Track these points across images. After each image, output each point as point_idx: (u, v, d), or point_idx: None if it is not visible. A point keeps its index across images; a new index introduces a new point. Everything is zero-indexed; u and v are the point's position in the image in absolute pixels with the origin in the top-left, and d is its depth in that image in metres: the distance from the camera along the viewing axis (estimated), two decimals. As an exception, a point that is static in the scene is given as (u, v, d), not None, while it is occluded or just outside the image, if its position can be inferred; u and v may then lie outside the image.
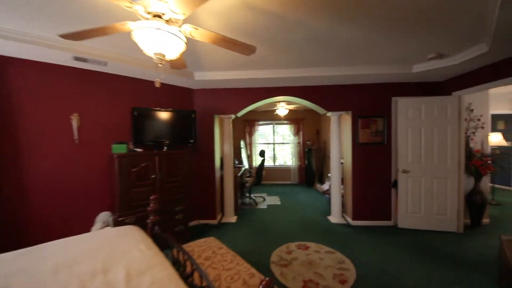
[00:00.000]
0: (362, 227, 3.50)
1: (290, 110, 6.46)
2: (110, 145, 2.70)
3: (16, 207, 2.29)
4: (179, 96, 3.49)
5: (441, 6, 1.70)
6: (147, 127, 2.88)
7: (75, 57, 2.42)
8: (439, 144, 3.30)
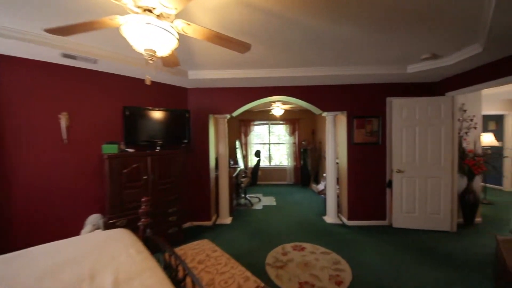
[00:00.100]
0: (358, 227, 3.50)
1: (286, 110, 6.45)
2: (100, 145, 2.61)
3: (0, 209, 2.20)
4: (172, 95, 3.42)
5: (436, 7, 1.69)
6: (139, 126, 2.81)
7: (64, 54, 2.33)
8: (433, 144, 3.33)
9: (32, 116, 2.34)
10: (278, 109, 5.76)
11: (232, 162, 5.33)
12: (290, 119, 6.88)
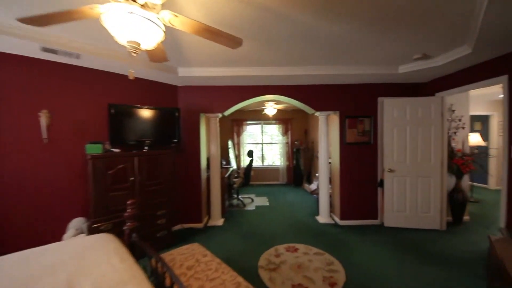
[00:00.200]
0: (350, 227, 3.50)
1: (279, 110, 6.42)
2: (84, 145, 2.47)
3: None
4: (162, 93, 3.30)
5: (428, 6, 1.69)
6: (125, 125, 2.67)
7: (44, 48, 2.19)
8: (423, 143, 3.37)
9: (9, 114, 2.17)
10: (271, 108, 5.71)
11: (224, 162, 5.24)
12: (283, 118, 6.85)
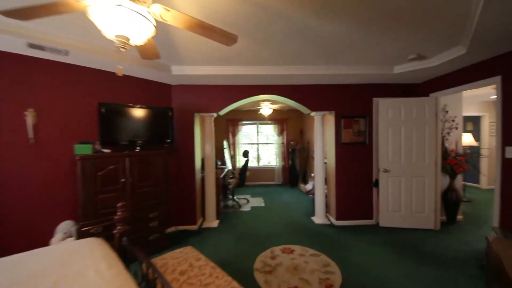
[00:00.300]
0: (346, 227, 3.49)
1: (274, 110, 6.39)
2: (73, 145, 2.38)
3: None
4: (155, 92, 3.21)
5: (424, 6, 1.68)
6: (117, 125, 2.58)
7: (30, 44, 2.09)
8: (417, 144, 3.39)
9: (-9, 112, 2.07)
10: (266, 108, 5.68)
11: (219, 163, 5.18)
12: (279, 118, 6.83)
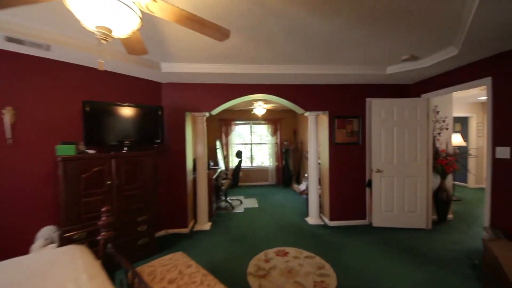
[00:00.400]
0: (339, 228, 3.48)
1: (268, 110, 6.34)
2: (54, 145, 2.24)
3: None
4: (143, 90, 3.08)
5: (419, 5, 1.67)
6: (102, 124, 2.45)
7: (7, 37, 1.96)
8: (409, 144, 3.41)
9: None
10: (260, 108, 5.62)
11: (212, 163, 5.08)
12: (272, 118, 6.79)
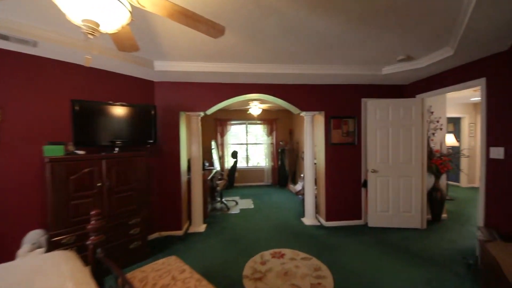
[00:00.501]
0: (335, 228, 3.47)
1: (264, 110, 6.30)
2: (42, 146, 2.15)
3: None
4: (136, 89, 3.00)
5: (416, 5, 1.66)
6: (93, 124, 2.36)
7: (-9, 32, 1.86)
8: (404, 144, 3.43)
9: None
10: (255, 108, 5.58)
11: (207, 164, 5.01)
12: (268, 119, 6.76)
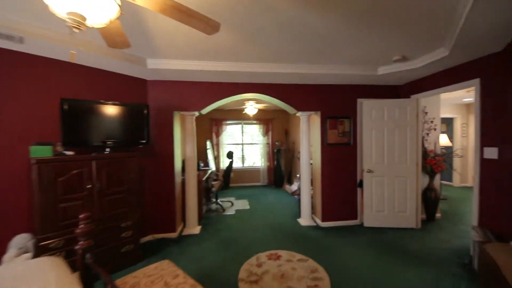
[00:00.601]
0: (331, 228, 3.46)
1: (259, 110, 6.27)
2: (28, 146, 2.06)
3: None
4: (128, 88, 2.91)
5: (412, 3, 1.65)
6: (83, 124, 2.27)
7: (-27, 27, 1.77)
8: (399, 144, 3.44)
9: None
10: (251, 108, 5.53)
11: (202, 164, 4.94)
12: (264, 118, 6.73)
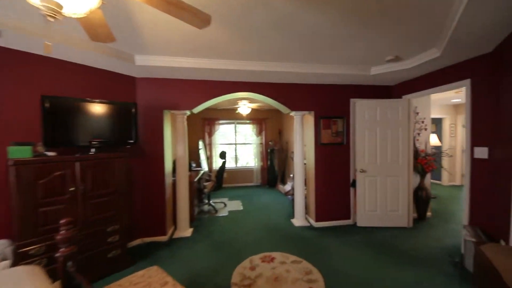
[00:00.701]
0: (325, 229, 3.45)
1: (253, 109, 6.21)
2: (6, 147, 1.92)
3: None
4: (115, 85, 2.78)
5: (406, 3, 1.64)
6: (66, 123, 2.15)
7: None
8: (392, 144, 3.47)
9: None
10: (244, 107, 5.47)
11: (194, 165, 4.84)
12: (257, 118, 6.68)
